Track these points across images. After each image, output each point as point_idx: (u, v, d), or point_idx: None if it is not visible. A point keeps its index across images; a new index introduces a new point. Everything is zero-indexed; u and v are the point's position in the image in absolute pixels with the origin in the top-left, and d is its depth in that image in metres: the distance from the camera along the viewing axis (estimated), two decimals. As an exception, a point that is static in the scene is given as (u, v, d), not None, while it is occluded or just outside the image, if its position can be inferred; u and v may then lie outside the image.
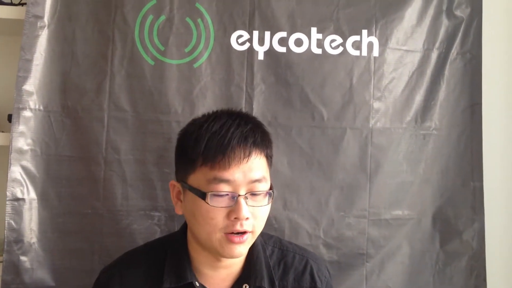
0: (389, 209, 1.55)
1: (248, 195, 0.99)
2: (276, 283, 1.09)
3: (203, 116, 1.09)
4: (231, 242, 0.99)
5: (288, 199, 1.50)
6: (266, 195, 1.03)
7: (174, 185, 1.09)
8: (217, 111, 1.10)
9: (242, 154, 0.99)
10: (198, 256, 1.07)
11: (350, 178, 1.53)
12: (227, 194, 0.98)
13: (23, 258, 1.39)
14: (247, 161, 1.00)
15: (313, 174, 1.52)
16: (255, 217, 1.00)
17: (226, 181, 0.98)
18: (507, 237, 1.67)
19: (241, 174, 0.99)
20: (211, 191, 0.98)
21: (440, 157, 1.59)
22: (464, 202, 1.60)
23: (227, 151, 0.98)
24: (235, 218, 0.97)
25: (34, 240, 1.40)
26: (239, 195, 0.98)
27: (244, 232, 0.99)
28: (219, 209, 0.98)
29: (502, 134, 1.69)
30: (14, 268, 1.38)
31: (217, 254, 1.02)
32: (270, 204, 1.05)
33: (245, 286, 1.07)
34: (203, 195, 0.98)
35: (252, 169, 1.00)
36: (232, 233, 0.98)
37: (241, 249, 1.01)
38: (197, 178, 1.00)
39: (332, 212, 1.52)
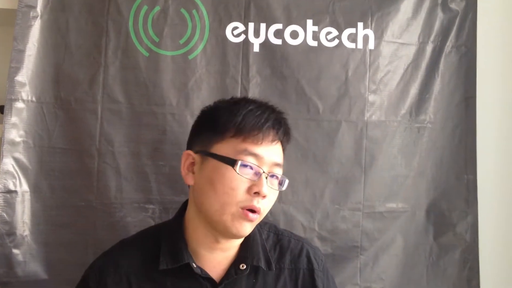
0: (384, 202, 1.55)
1: (269, 175, 1.04)
2: (273, 264, 1.10)
3: (233, 97, 1.16)
4: (245, 218, 1.00)
5: (283, 191, 1.48)
6: (280, 182, 1.07)
7: (189, 155, 1.09)
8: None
9: (273, 136, 1.04)
10: (198, 236, 1.07)
11: (345, 171, 1.53)
12: (252, 168, 1.01)
13: (15, 251, 1.38)
14: (275, 144, 1.05)
15: (308, 167, 1.52)
16: (268, 199, 1.04)
17: (255, 156, 1.02)
18: (500, 230, 1.67)
19: (268, 153, 1.03)
20: (241, 160, 1.01)
21: (434, 150, 1.60)
22: (457, 195, 1.60)
23: (263, 128, 1.03)
24: (256, 193, 1.00)
25: (26, 232, 1.39)
26: (263, 172, 1.02)
27: (255, 212, 1.01)
28: (242, 181, 1.00)
29: (496, 128, 1.69)
30: (7, 261, 1.37)
31: (223, 230, 1.02)
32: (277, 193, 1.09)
33: (242, 266, 1.07)
34: (232, 162, 1.00)
35: (277, 153, 1.06)
36: (248, 209, 1.00)
37: (249, 228, 1.03)
38: (224, 148, 1.03)
39: (327, 205, 1.52)
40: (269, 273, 1.10)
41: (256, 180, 1.01)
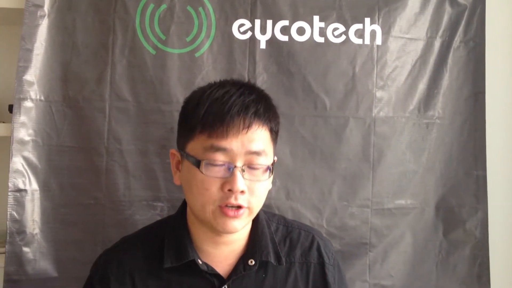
0: (392, 198, 1.55)
1: (245, 167, 0.95)
2: (283, 258, 1.06)
3: (209, 83, 1.04)
4: (225, 215, 0.94)
5: (291, 188, 1.50)
6: (265, 170, 0.98)
7: (174, 154, 1.05)
8: (223, 80, 1.05)
9: (241, 124, 0.94)
10: (198, 232, 1.04)
11: (353, 168, 1.53)
12: (223, 164, 0.94)
13: (25, 249, 1.39)
14: (247, 132, 0.95)
15: (316, 164, 1.51)
16: (251, 192, 0.96)
17: (223, 150, 0.94)
18: (511, 226, 1.66)
19: (239, 144, 0.94)
20: (206, 159, 0.94)
21: (443, 146, 1.59)
22: (467, 191, 1.59)
23: (225, 119, 0.93)
24: (229, 190, 0.93)
25: (36, 231, 1.40)
26: (235, 166, 0.94)
27: (239, 207, 0.95)
28: (213, 180, 0.94)
29: (505, 122, 1.68)
30: (17, 259, 1.38)
31: (212, 228, 0.99)
32: (270, 181, 1.01)
33: (251, 262, 1.03)
34: (197, 163, 0.94)
35: (251, 140, 0.95)
36: (226, 206, 0.94)
37: (236, 224, 0.96)
38: (194, 146, 0.96)
39: (335, 202, 1.52)
40: (279, 267, 1.06)
41: (229, 177, 0.93)
